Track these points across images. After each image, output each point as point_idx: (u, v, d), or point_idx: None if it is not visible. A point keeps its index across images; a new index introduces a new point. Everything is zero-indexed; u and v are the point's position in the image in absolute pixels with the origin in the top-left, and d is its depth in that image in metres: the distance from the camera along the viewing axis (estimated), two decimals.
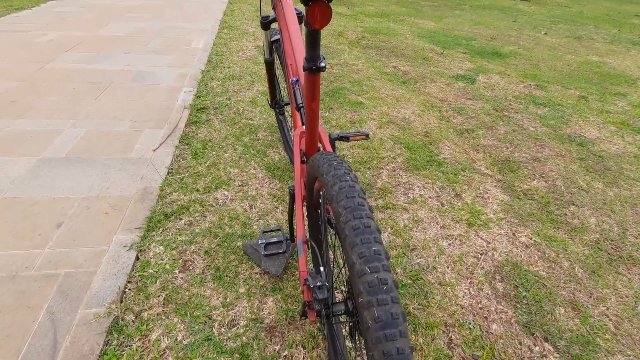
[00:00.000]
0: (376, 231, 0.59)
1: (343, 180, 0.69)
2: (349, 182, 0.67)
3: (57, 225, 1.37)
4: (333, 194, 0.67)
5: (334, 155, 0.80)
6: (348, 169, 0.72)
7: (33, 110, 2.10)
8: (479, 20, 5.70)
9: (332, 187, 0.68)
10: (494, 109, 2.67)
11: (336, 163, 0.75)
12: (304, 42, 1.06)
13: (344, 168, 0.73)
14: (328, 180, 0.71)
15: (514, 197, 1.75)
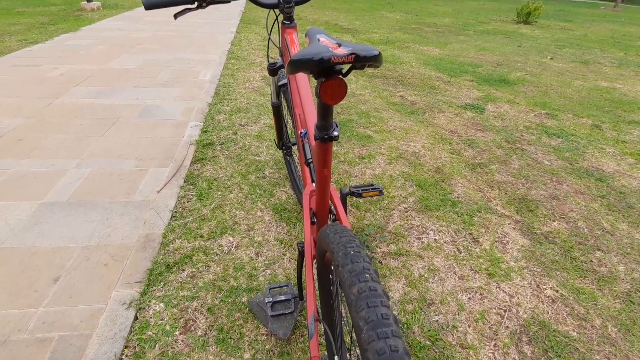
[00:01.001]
0: (394, 323, 0.53)
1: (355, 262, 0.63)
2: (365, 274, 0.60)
3: (54, 279, 1.31)
4: (345, 279, 0.61)
5: (345, 232, 0.74)
6: (359, 247, 0.67)
7: (39, 150, 2.08)
8: (484, 45, 5.73)
9: (343, 268, 0.63)
10: (506, 141, 2.60)
11: (347, 241, 0.69)
12: (313, 95, 1.02)
13: (355, 247, 0.67)
14: (339, 261, 0.66)
15: (535, 242, 1.66)
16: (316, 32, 0.70)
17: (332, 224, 0.81)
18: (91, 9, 6.55)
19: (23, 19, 5.57)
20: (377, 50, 0.59)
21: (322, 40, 0.63)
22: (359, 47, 0.58)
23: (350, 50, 0.57)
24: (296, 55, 0.57)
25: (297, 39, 1.19)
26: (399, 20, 7.90)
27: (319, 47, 0.59)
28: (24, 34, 4.57)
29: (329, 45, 0.60)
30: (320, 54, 0.56)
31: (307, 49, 0.59)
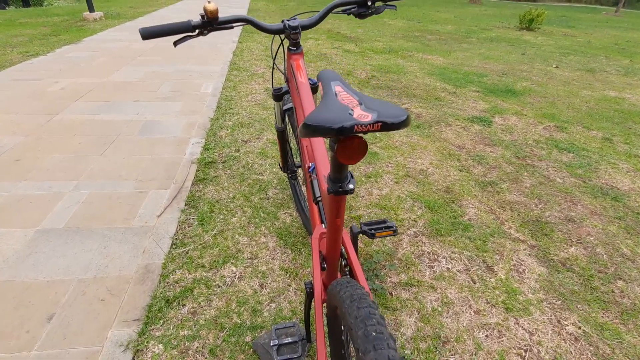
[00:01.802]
0: None
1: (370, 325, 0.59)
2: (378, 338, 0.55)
3: (48, 318, 1.24)
4: (358, 343, 0.56)
5: (357, 289, 0.68)
6: (373, 307, 0.63)
7: (36, 171, 2.02)
8: (488, 54, 5.68)
9: (356, 332, 0.58)
10: (516, 157, 2.53)
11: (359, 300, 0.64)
12: None
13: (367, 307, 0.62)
14: (352, 325, 0.61)
15: (552, 270, 1.58)
16: (330, 77, 0.64)
17: (344, 281, 0.74)
18: (93, 19, 6.54)
19: (26, 30, 5.57)
20: (405, 114, 0.52)
21: (339, 92, 0.57)
22: (384, 109, 0.52)
23: (375, 118, 0.50)
24: (311, 118, 0.51)
25: (304, 65, 1.13)
26: (402, 28, 7.87)
27: (338, 108, 0.53)
28: (25, 46, 4.55)
29: (349, 105, 0.53)
30: (340, 122, 0.49)
31: (323, 110, 0.52)
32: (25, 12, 7.39)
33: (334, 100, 0.55)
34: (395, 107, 0.53)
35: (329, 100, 0.56)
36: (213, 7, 0.95)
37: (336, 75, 0.65)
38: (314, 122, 0.51)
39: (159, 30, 0.94)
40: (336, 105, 0.53)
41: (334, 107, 0.53)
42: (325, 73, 0.67)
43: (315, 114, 0.52)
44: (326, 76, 0.65)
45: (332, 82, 0.61)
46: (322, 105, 0.54)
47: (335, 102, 0.54)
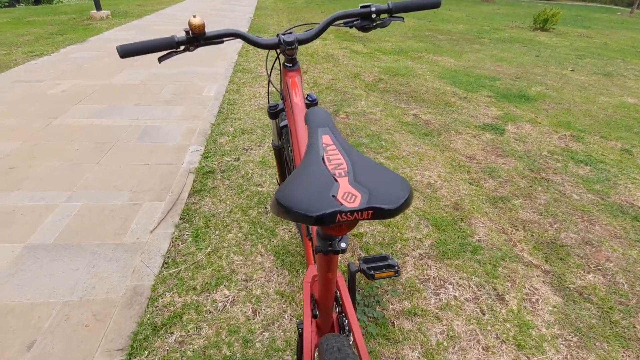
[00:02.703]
0: None
1: None
2: None
3: (28, 346, 1.17)
4: None
5: None
6: None
7: (29, 180, 1.97)
8: (501, 55, 5.50)
9: None
10: (529, 169, 2.40)
11: None
12: None
13: None
14: None
15: (568, 300, 1.47)
16: (319, 121, 0.54)
17: (333, 343, 0.65)
18: (100, 17, 6.52)
19: (33, 28, 5.56)
20: (406, 192, 0.42)
21: (327, 147, 0.47)
22: (379, 184, 0.41)
23: (365, 202, 0.40)
24: (284, 196, 0.41)
25: (301, 83, 1.03)
26: (412, 27, 7.70)
27: (318, 182, 0.42)
28: (30, 45, 4.53)
29: (335, 173, 0.42)
30: (319, 207, 0.39)
31: (300, 182, 0.41)
32: (34, 10, 7.42)
33: (316, 164, 0.45)
34: (394, 178, 0.43)
35: (310, 163, 0.46)
36: (199, 21, 0.86)
37: (326, 119, 0.56)
38: (287, 202, 0.41)
39: (139, 48, 0.85)
40: (317, 174, 0.43)
41: (314, 177, 0.42)
42: (314, 114, 0.58)
43: (289, 190, 0.42)
44: (314, 119, 0.56)
45: (320, 130, 0.51)
46: (301, 172, 0.44)
47: (317, 168, 0.44)
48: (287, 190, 0.42)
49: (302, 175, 0.44)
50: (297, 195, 0.41)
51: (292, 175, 0.44)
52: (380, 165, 0.46)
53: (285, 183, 0.43)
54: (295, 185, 0.42)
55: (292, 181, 0.43)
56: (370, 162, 0.45)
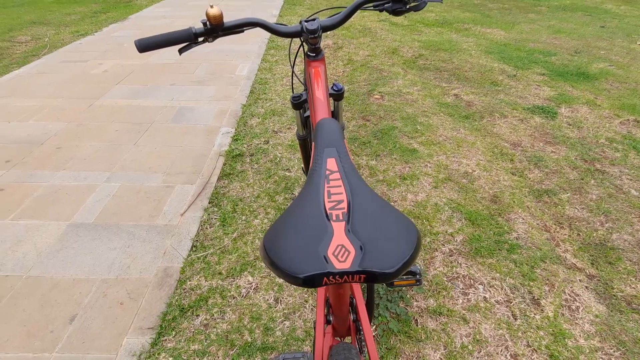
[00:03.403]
0: None
1: None
2: None
3: (70, 319, 1.28)
4: None
5: None
6: None
7: (74, 160, 2.09)
8: (559, 26, 4.93)
9: None
10: (582, 159, 2.18)
11: None
12: None
13: None
14: None
15: (614, 309, 1.34)
16: (327, 139, 0.48)
17: (342, 348, 0.62)
18: None
19: (79, 7, 5.78)
20: (411, 246, 0.35)
21: (329, 176, 0.41)
22: (379, 234, 0.35)
23: (358, 264, 0.34)
24: (271, 244, 0.36)
25: (324, 75, 0.97)
26: None
27: (312, 230, 0.38)
28: (76, 25, 4.72)
29: (333, 214, 0.37)
30: (307, 268, 0.35)
31: (290, 226, 0.37)
32: None
33: (314, 202, 0.40)
34: (399, 224, 0.36)
35: (308, 199, 0.40)
36: (216, 12, 0.82)
37: (334, 135, 0.50)
38: (274, 255, 0.36)
39: (157, 42, 0.83)
40: (312, 217, 0.38)
41: (307, 221, 0.37)
42: (322, 129, 0.52)
43: (278, 236, 0.37)
44: (322, 135, 0.49)
45: (327, 152, 0.46)
46: (295, 210, 0.39)
47: (313, 208, 0.39)
48: (276, 237, 0.38)
49: (295, 217, 0.40)
50: (284, 247, 0.37)
51: (287, 213, 0.40)
52: (386, 204, 0.40)
53: (277, 224, 0.39)
54: (285, 231, 0.38)
55: (284, 224, 0.38)
56: (375, 199, 0.39)
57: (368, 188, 0.43)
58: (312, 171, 0.45)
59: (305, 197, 0.41)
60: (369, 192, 0.42)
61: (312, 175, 0.45)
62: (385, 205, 0.41)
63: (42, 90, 2.91)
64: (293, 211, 0.41)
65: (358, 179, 0.44)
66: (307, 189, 0.43)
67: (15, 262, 1.48)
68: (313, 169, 0.45)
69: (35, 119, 2.50)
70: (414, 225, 0.39)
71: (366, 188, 0.43)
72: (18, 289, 1.37)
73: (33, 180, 1.93)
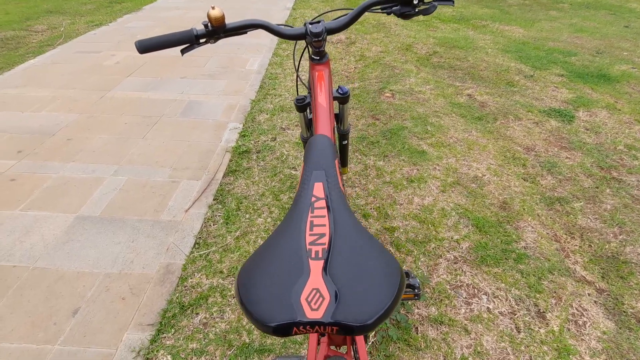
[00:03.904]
0: None
1: None
2: None
3: (73, 312, 1.30)
4: None
5: None
6: None
7: (84, 152, 2.12)
8: (581, 25, 4.75)
9: None
10: (598, 166, 2.10)
11: None
12: None
13: None
14: None
15: (623, 326, 1.29)
16: (317, 158, 0.46)
17: None
18: None
19: None
20: (393, 294, 0.33)
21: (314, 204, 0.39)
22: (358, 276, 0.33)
23: (330, 314, 0.32)
24: (244, 282, 0.35)
25: (329, 79, 0.94)
26: None
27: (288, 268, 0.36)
28: (92, 15, 4.76)
29: (313, 253, 0.35)
30: (277, 316, 0.33)
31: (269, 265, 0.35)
32: None
33: (295, 236, 0.38)
34: (382, 266, 0.33)
35: (288, 232, 0.38)
36: (218, 13, 0.80)
37: (325, 156, 0.47)
38: (245, 296, 0.35)
39: (158, 43, 0.81)
40: (290, 254, 0.36)
41: (285, 258, 0.35)
42: (314, 146, 0.50)
43: (249, 276, 0.35)
44: (312, 155, 0.47)
45: (315, 175, 0.44)
46: (272, 243, 0.37)
47: (293, 243, 0.37)
48: (250, 274, 0.36)
49: (274, 250, 0.38)
50: (258, 287, 0.35)
51: (267, 245, 0.39)
52: (370, 240, 0.37)
53: (255, 257, 0.37)
54: (261, 266, 0.36)
55: (261, 258, 0.37)
56: (359, 234, 0.37)
57: (353, 220, 0.40)
58: (298, 195, 0.44)
59: (287, 226, 0.40)
60: (354, 225, 0.40)
61: (297, 201, 0.43)
62: (369, 241, 0.39)
63: (56, 80, 2.95)
64: (273, 242, 0.39)
65: (344, 208, 0.42)
66: (290, 216, 0.41)
67: (23, 252, 1.51)
68: (299, 193, 0.43)
69: (48, 109, 2.54)
70: (397, 266, 0.37)
71: (351, 220, 0.40)
72: (25, 279, 1.40)
73: (43, 172, 1.96)
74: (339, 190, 0.44)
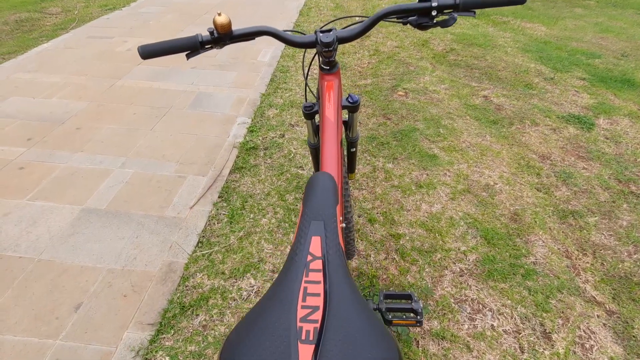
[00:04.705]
0: None
1: None
2: None
3: (75, 307, 1.31)
4: None
5: None
6: None
7: (92, 142, 2.12)
8: (607, 25, 4.55)
9: None
10: (616, 179, 2.02)
11: None
12: None
13: None
14: None
15: (631, 352, 1.25)
16: (317, 204, 0.42)
17: None
18: None
19: None
20: None
21: (309, 264, 0.36)
22: None
23: None
24: None
25: (338, 89, 0.90)
26: None
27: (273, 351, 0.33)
28: None
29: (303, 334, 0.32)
30: None
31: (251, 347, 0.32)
32: None
33: (285, 298, 0.34)
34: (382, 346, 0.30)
35: (280, 293, 0.35)
36: (224, 20, 0.76)
37: (326, 202, 0.44)
38: None
39: (161, 49, 0.78)
40: (276, 332, 0.32)
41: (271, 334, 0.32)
42: (315, 187, 0.46)
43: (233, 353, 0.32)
44: (312, 199, 0.43)
45: (314, 225, 0.41)
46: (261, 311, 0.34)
47: (282, 310, 0.34)
48: (234, 350, 0.34)
49: (262, 322, 0.35)
50: None
51: (255, 313, 0.36)
52: (369, 319, 0.34)
53: (241, 328, 0.35)
54: (246, 342, 0.34)
55: (247, 330, 0.34)
56: (357, 312, 0.33)
57: (351, 288, 0.37)
58: (293, 250, 0.41)
59: (280, 291, 0.37)
60: (351, 298, 0.37)
61: (292, 257, 0.40)
62: (368, 321, 0.36)
63: (68, 66, 2.95)
64: (262, 311, 0.37)
65: (342, 274, 0.39)
66: (284, 276, 0.38)
67: (29, 244, 1.52)
68: (295, 246, 0.40)
69: (59, 96, 2.54)
70: (397, 352, 0.34)
71: (348, 289, 0.37)
72: (30, 271, 1.42)
73: (52, 161, 1.97)
74: (338, 247, 0.41)
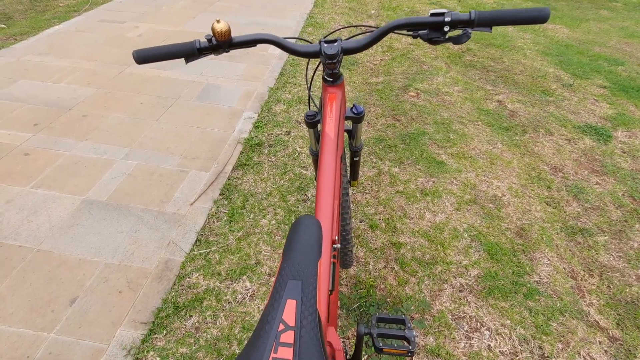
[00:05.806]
0: None
1: None
2: None
3: (71, 300, 1.31)
4: None
5: None
6: None
7: (97, 131, 2.11)
8: (634, 29, 4.36)
9: None
10: (631, 197, 1.95)
11: None
12: None
13: None
14: None
15: None
16: (297, 259, 0.39)
17: None
18: None
19: None
20: None
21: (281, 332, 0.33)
22: None
23: None
24: None
25: (341, 102, 0.86)
26: None
27: None
28: None
29: None
30: None
31: None
32: None
33: None
34: None
35: None
36: (223, 27, 0.72)
37: (307, 257, 0.40)
38: None
39: (158, 54, 0.75)
40: None
41: None
42: (299, 234, 0.43)
43: None
44: (293, 251, 0.40)
45: (290, 285, 0.37)
46: None
47: None
48: None
49: None
50: None
51: None
52: None
53: None
54: None
55: None
56: None
57: None
58: (266, 313, 0.37)
59: None
60: None
61: (263, 325, 0.37)
62: None
63: (78, 50, 2.94)
64: None
65: (316, 350, 0.36)
66: (250, 350, 0.35)
67: (29, 232, 1.53)
68: (268, 310, 0.37)
69: (67, 81, 2.54)
70: None
71: None
72: (28, 261, 1.43)
73: (56, 148, 1.97)
74: (314, 316, 0.38)
